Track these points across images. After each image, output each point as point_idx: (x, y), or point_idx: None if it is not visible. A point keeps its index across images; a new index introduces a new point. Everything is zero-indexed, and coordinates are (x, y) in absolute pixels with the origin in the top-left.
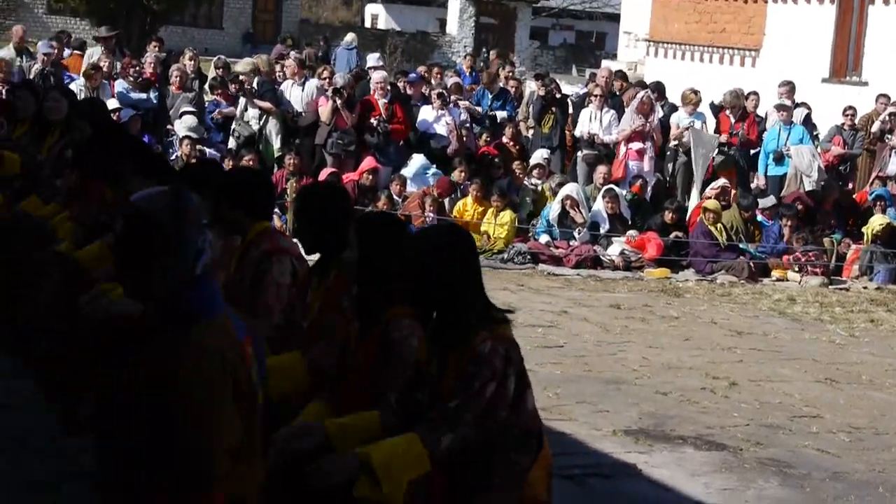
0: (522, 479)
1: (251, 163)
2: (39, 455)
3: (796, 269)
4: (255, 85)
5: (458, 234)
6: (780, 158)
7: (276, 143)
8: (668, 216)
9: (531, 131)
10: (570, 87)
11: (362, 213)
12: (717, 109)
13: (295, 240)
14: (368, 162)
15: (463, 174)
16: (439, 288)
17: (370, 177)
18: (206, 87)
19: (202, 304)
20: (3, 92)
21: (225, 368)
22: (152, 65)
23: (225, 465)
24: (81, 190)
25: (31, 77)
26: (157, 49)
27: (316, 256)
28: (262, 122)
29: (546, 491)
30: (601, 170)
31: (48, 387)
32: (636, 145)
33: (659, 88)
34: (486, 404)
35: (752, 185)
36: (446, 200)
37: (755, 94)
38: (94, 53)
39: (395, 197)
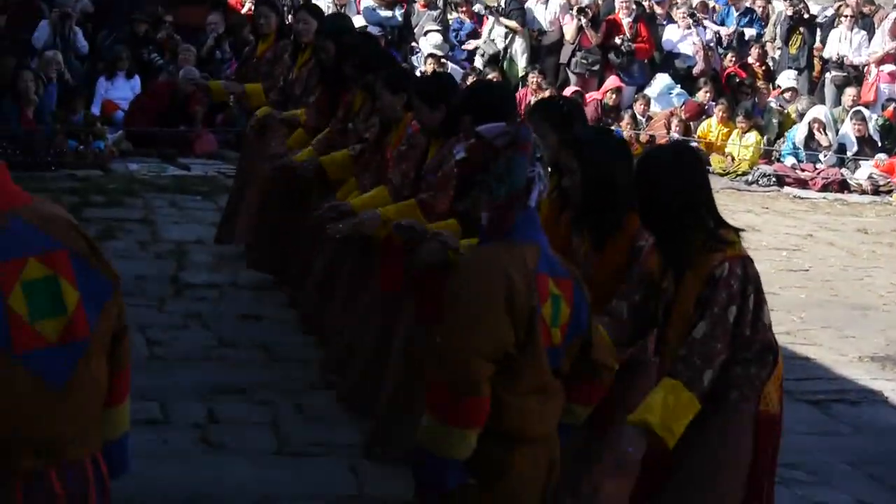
0: (759, 392)
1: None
2: (290, 362)
3: None
4: (501, 3)
5: (691, 152)
6: None
7: (521, 63)
8: None
9: (778, 52)
10: (817, 7)
11: (579, 133)
12: None
13: None
14: (612, 81)
15: (708, 95)
16: (673, 206)
17: (614, 96)
18: (451, 4)
19: (510, 228)
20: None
21: (501, 284)
22: None
23: (483, 370)
24: (327, 103)
25: None
26: None
27: None
28: (507, 41)
29: (779, 405)
30: (850, 92)
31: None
32: (888, 68)
33: None
34: (732, 327)
35: None
36: (692, 121)
37: None
38: None
39: (638, 116)
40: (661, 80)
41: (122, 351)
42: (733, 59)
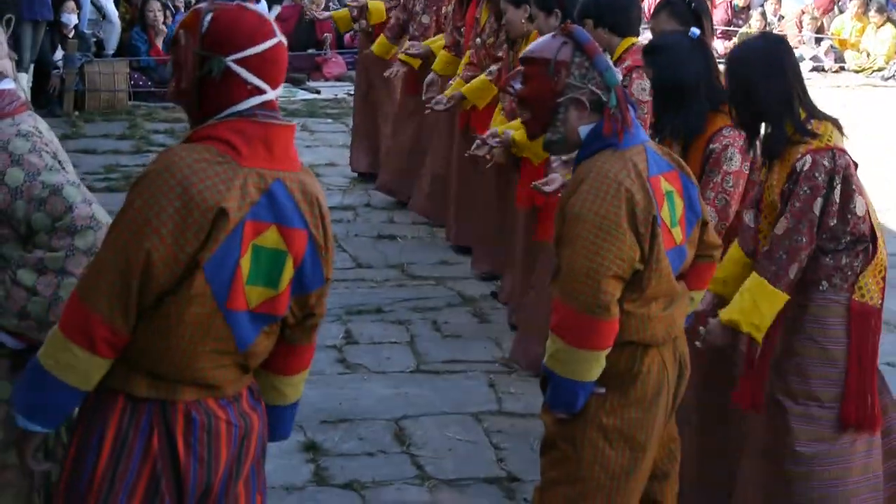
0: (852, 281)
1: None
2: (425, 281)
3: None
4: None
5: (781, 42)
6: None
7: None
8: None
9: None
10: None
11: (651, 42)
12: None
13: None
14: None
15: None
16: (762, 97)
17: None
18: None
19: (610, 134)
20: None
21: (621, 200)
22: None
23: (613, 291)
24: (461, 17)
25: None
26: None
27: None
28: None
29: (879, 296)
30: None
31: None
32: None
33: None
34: (817, 220)
35: None
36: (824, 18)
37: None
38: None
39: (769, 15)
40: None
41: (309, 327)
42: None
